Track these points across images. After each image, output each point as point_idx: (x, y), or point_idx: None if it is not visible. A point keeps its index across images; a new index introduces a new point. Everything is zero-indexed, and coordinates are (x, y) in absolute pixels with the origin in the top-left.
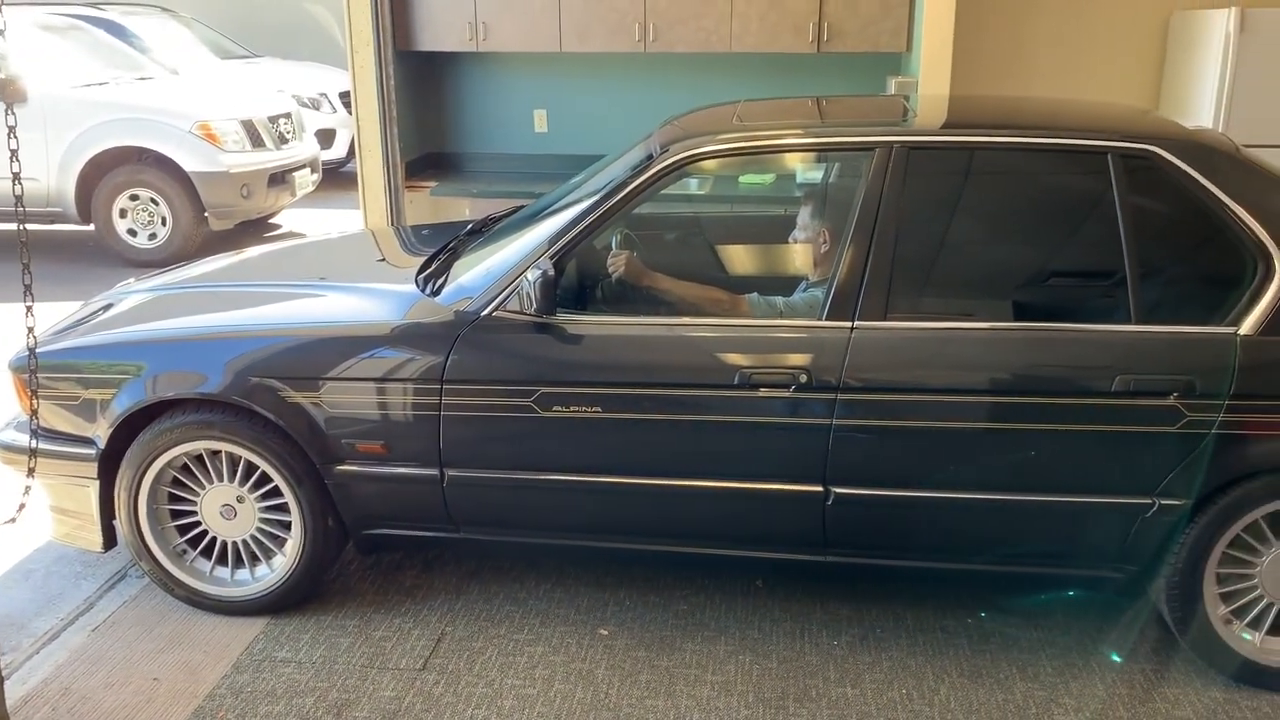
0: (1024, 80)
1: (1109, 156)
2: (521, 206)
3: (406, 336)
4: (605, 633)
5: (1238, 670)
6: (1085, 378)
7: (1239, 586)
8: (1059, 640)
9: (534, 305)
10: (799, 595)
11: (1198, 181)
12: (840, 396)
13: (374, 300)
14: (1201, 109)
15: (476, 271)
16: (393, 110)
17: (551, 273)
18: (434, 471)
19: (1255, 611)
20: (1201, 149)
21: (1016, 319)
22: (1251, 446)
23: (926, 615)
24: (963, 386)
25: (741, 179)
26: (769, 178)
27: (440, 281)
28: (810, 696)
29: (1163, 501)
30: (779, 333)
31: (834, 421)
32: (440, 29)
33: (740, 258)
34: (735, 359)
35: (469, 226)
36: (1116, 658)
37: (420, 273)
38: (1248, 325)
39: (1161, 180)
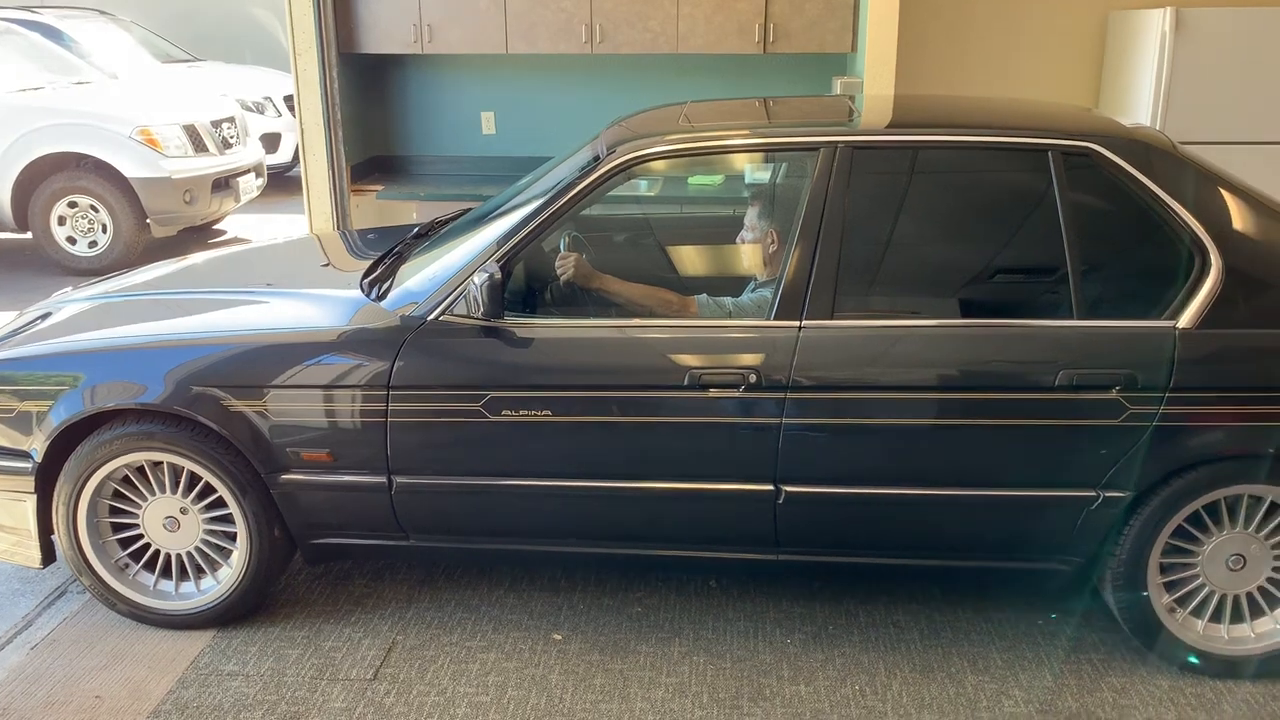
0: (968, 80)
1: (1049, 154)
2: (468, 209)
3: (351, 342)
4: (559, 637)
5: (1181, 657)
6: (1029, 373)
7: (1182, 575)
8: (1008, 632)
9: (481, 309)
10: (753, 594)
11: (1136, 178)
12: (789, 396)
13: (318, 306)
14: (1140, 107)
15: (422, 276)
16: (337, 113)
17: (499, 276)
18: (382, 479)
19: (1198, 599)
20: (1139, 146)
21: (962, 316)
22: (1192, 438)
23: (878, 611)
24: (910, 384)
25: (691, 180)
26: (718, 178)
27: (386, 286)
28: (764, 695)
29: (1107, 494)
30: (728, 333)
31: (783, 420)
32: (384, 31)
33: (690, 258)
34: (684, 360)
35: (415, 230)
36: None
37: (365, 277)
38: (1186, 319)
39: (1101, 177)
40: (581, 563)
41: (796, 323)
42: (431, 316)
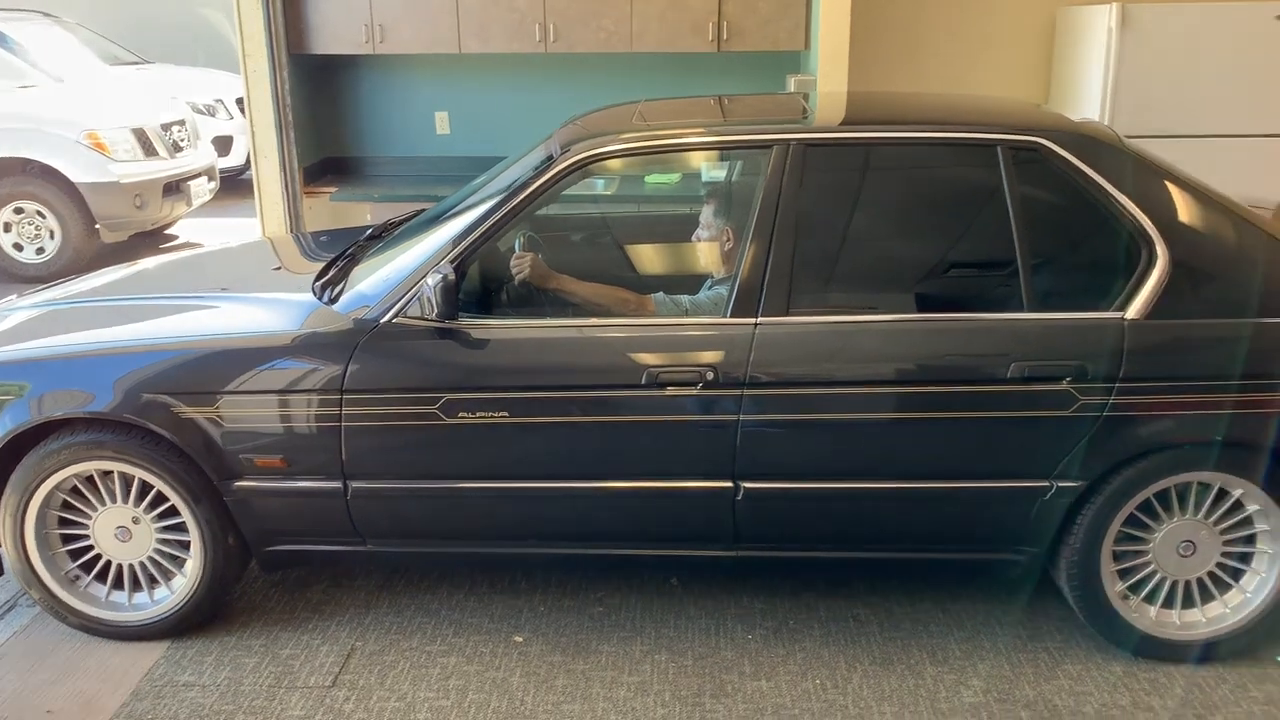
0: (920, 77)
1: (998, 149)
2: (422, 210)
3: (303, 347)
4: (520, 639)
5: (1136, 644)
6: (982, 366)
7: (1134, 563)
8: (967, 623)
9: (435, 310)
10: (714, 591)
11: (1083, 172)
12: (746, 392)
13: (269, 310)
14: (1088, 102)
15: (375, 278)
16: (288, 115)
17: (452, 277)
18: (337, 484)
19: (1150, 586)
20: (1086, 140)
21: (915, 310)
22: (1142, 427)
23: (838, 605)
24: (865, 378)
25: (647, 178)
26: (674, 177)
27: (338, 289)
28: (726, 692)
29: (1060, 484)
30: (685, 331)
31: (741, 417)
32: (335, 32)
33: (647, 257)
34: (642, 358)
35: (368, 232)
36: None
37: (318, 280)
38: (1134, 310)
39: (1049, 171)
40: (542, 564)
41: (753, 320)
42: (385, 319)
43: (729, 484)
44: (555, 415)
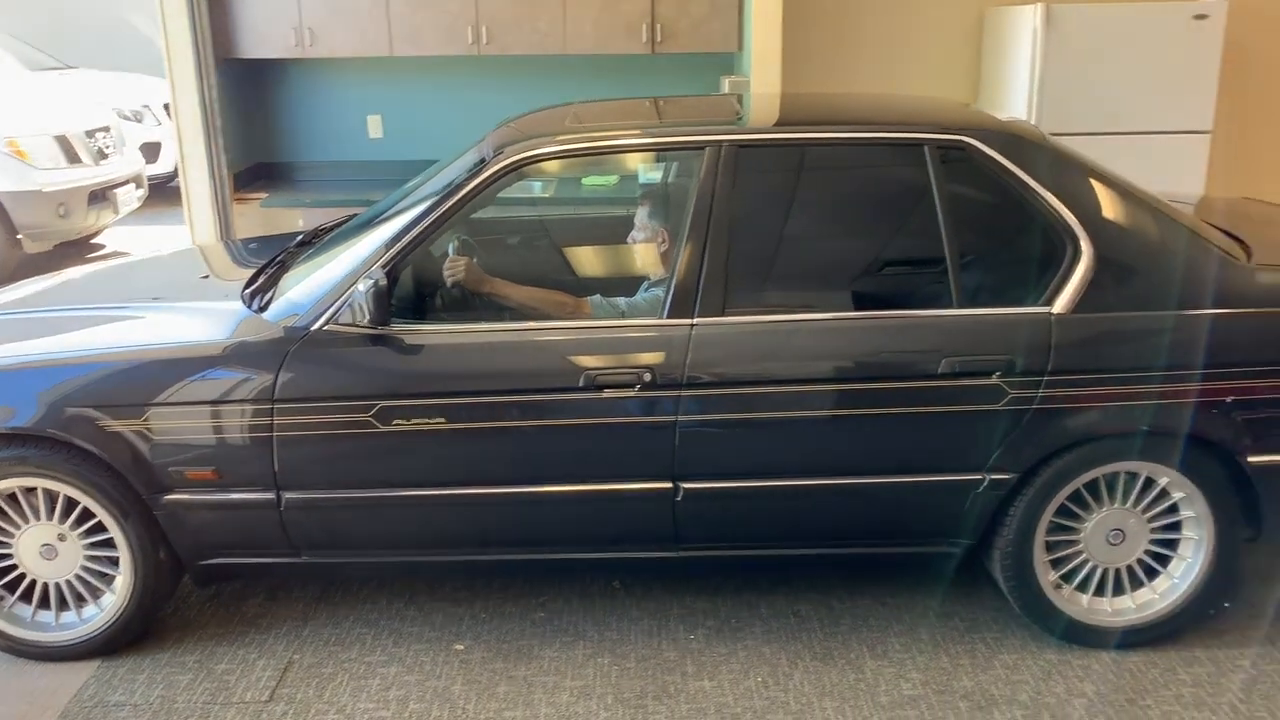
0: (853, 77)
1: (925, 148)
2: (354, 215)
3: (232, 356)
4: (461, 647)
5: (1069, 632)
6: (915, 362)
7: (1066, 553)
8: (905, 616)
9: (367, 317)
10: (656, 592)
11: (1009, 170)
12: (684, 393)
13: (197, 320)
14: (1016, 100)
15: (306, 285)
16: (216, 120)
17: (384, 282)
18: (270, 495)
19: (1082, 575)
20: (1011, 138)
21: (849, 309)
22: (1070, 419)
23: (780, 602)
24: (800, 376)
25: (584, 180)
26: (612, 179)
27: (268, 297)
28: (669, 693)
29: (992, 476)
30: (622, 333)
31: (679, 418)
32: (263, 35)
33: (585, 259)
34: (579, 361)
35: (299, 238)
36: None
37: (246, 288)
38: (1060, 304)
39: (975, 169)
40: (482, 570)
41: (689, 321)
42: (315, 326)
43: (669, 485)
44: (492, 420)
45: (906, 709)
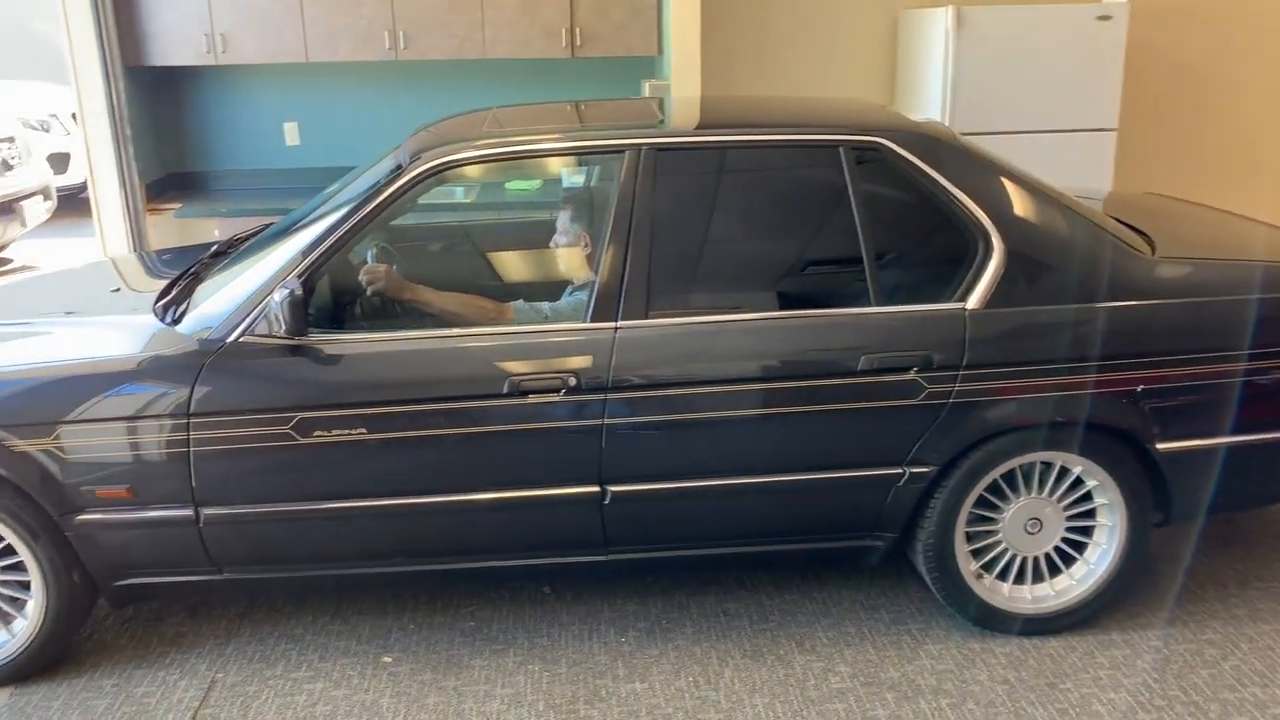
0: (774, 80)
1: (841, 149)
2: (270, 224)
3: (145, 371)
4: (389, 660)
5: (991, 620)
6: (835, 360)
7: (986, 543)
8: (833, 610)
9: (283, 327)
10: (586, 596)
11: (922, 169)
12: (610, 396)
13: (108, 334)
14: (930, 101)
15: (220, 296)
16: (126, 130)
17: (300, 292)
18: (188, 512)
19: (1002, 564)
20: (923, 139)
21: (771, 309)
22: (986, 411)
23: (709, 601)
24: (724, 377)
25: (508, 185)
26: (535, 183)
27: (181, 309)
28: (600, 697)
29: (912, 470)
30: (545, 338)
31: (605, 421)
32: (173, 42)
33: (509, 265)
34: (502, 367)
35: (213, 249)
36: None
37: (159, 301)
38: (974, 300)
39: (889, 170)
40: (409, 581)
41: (613, 324)
42: (231, 338)
43: (596, 488)
44: (415, 429)
45: (835, 702)
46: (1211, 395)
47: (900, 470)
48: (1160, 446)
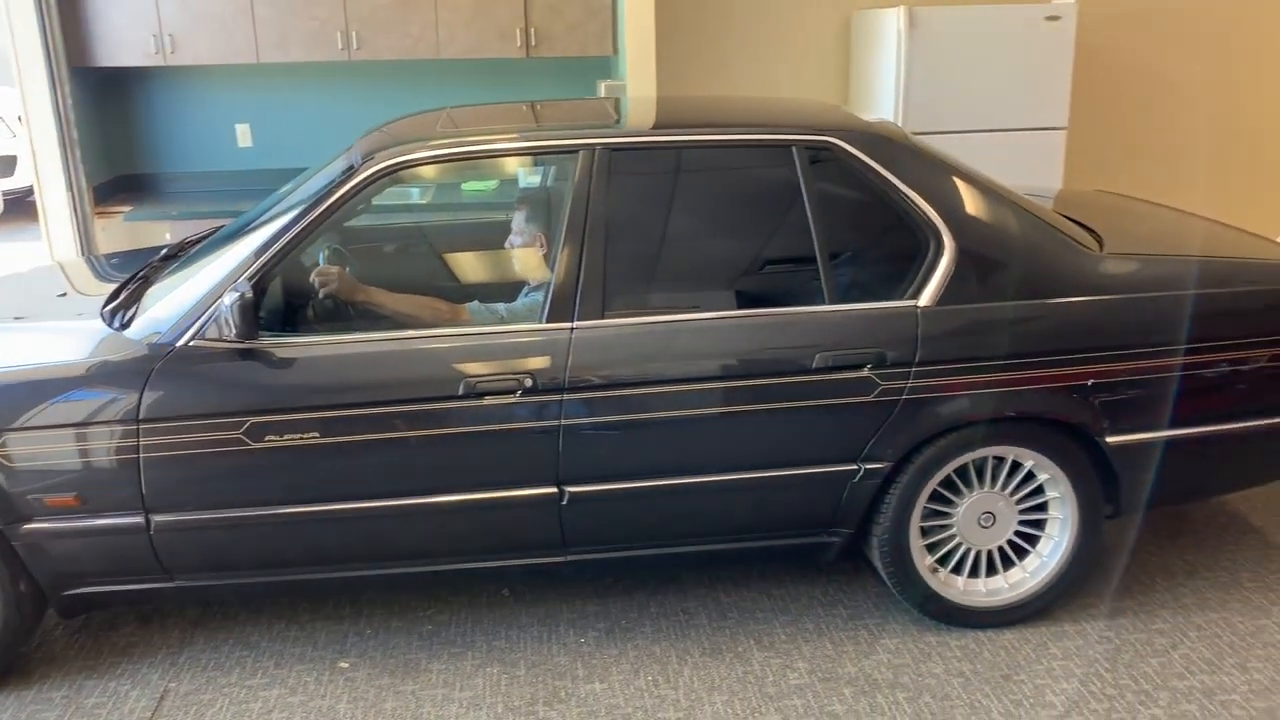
0: (729, 81)
1: (794, 149)
2: (221, 227)
3: (92, 377)
4: (346, 665)
5: (947, 614)
6: (790, 358)
7: (941, 537)
8: (791, 607)
9: (233, 330)
10: (546, 598)
11: (873, 169)
12: (566, 397)
13: (54, 340)
14: (883, 101)
15: (169, 300)
16: (73, 132)
17: (250, 295)
18: (138, 519)
19: (957, 558)
20: (875, 139)
21: (726, 308)
22: (939, 407)
23: (669, 600)
24: (681, 376)
25: (464, 186)
26: (492, 184)
27: (130, 314)
28: (559, 698)
29: (867, 466)
30: (501, 339)
31: (562, 422)
32: (120, 43)
33: (464, 266)
34: (458, 369)
35: (162, 251)
36: None
37: (106, 305)
38: (926, 298)
39: (842, 169)
40: (366, 586)
41: (569, 324)
42: (181, 342)
43: (554, 489)
44: (369, 433)
45: (793, 698)
46: (1159, 389)
47: (855, 467)
48: (1110, 440)
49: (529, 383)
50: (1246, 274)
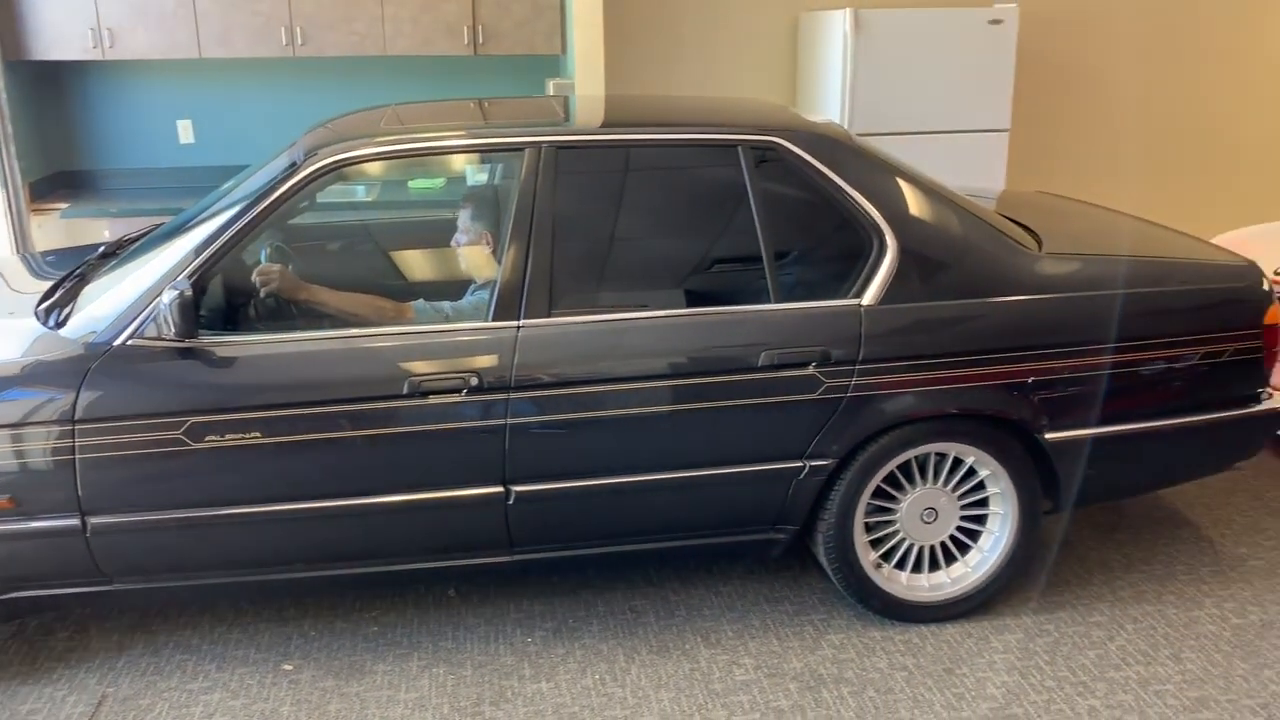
0: (678, 81)
1: (740, 149)
2: (161, 224)
3: (26, 376)
4: (289, 667)
5: (891, 609)
6: (736, 356)
7: (884, 533)
8: (738, 604)
9: (172, 329)
10: (493, 598)
11: (818, 169)
12: (513, 396)
13: None
14: (830, 102)
15: (107, 298)
16: (8, 126)
17: (189, 293)
18: (74, 521)
19: (900, 554)
20: (820, 139)
21: (673, 307)
22: (882, 405)
23: (616, 598)
24: (626, 375)
25: (411, 184)
26: (439, 181)
27: (65, 312)
28: (506, 698)
29: (812, 463)
30: (446, 338)
31: (509, 421)
32: (57, 36)
33: (411, 264)
34: (402, 368)
35: (101, 249)
36: None
37: (41, 304)
38: (869, 296)
39: (786, 169)
40: (310, 587)
41: (515, 323)
42: (118, 341)
43: (500, 489)
44: (311, 432)
45: (739, 694)
46: (1097, 386)
47: (800, 464)
48: (1049, 436)
49: (474, 381)
50: (1180, 274)
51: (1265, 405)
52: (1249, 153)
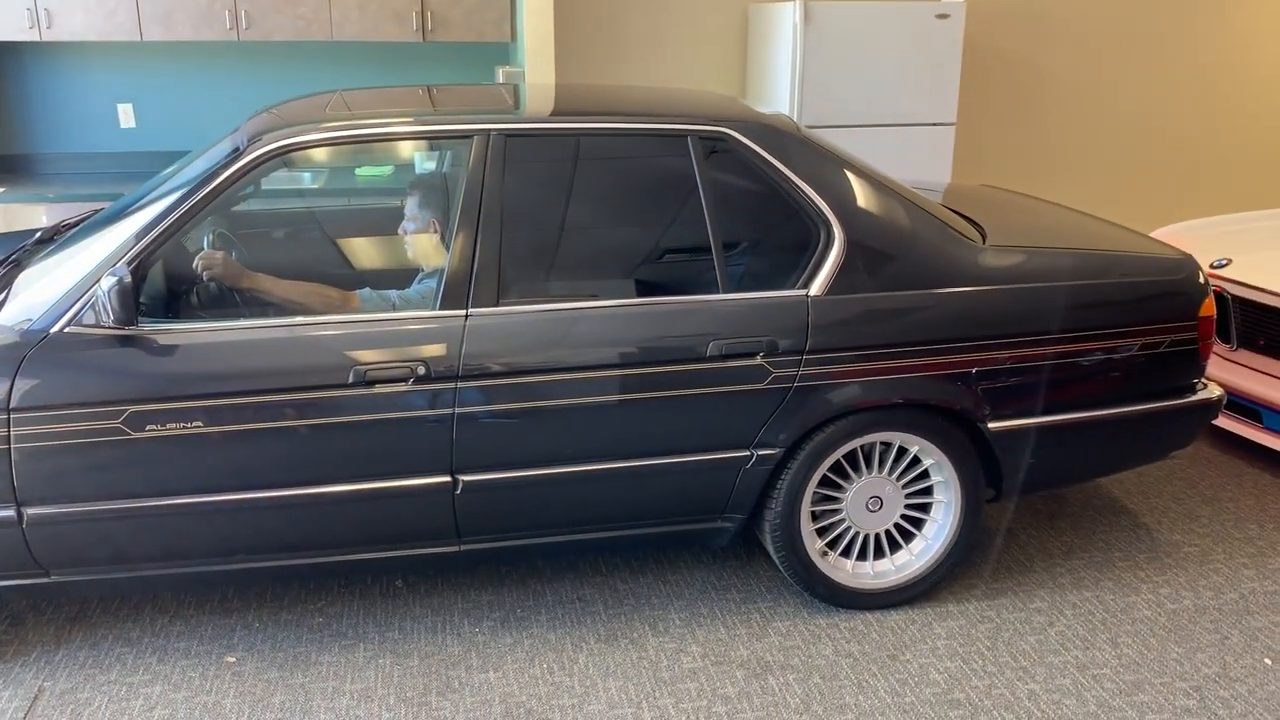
0: (628, 71)
1: (689, 139)
2: (100, 210)
3: None
4: (233, 659)
5: (837, 597)
6: (685, 346)
7: (830, 521)
8: (685, 593)
9: (111, 316)
10: (440, 589)
11: (766, 160)
12: (460, 385)
13: None
14: (779, 94)
15: (43, 285)
16: None
17: (129, 280)
18: (10, 513)
19: (846, 542)
20: (768, 130)
21: (622, 296)
22: (828, 394)
23: (564, 588)
24: (575, 364)
25: (358, 170)
26: (387, 169)
27: (0, 298)
28: (453, 688)
29: (759, 452)
30: (393, 326)
31: (456, 410)
32: None
33: (357, 252)
34: (347, 357)
35: (37, 235)
36: None
37: None
38: (816, 287)
39: (736, 160)
40: (254, 578)
41: (463, 311)
42: (55, 329)
43: (447, 479)
44: (254, 422)
45: (687, 682)
46: (1038, 376)
47: (748, 453)
48: (992, 426)
49: (421, 370)
50: (1120, 267)
51: (1200, 395)
52: (1188, 148)
